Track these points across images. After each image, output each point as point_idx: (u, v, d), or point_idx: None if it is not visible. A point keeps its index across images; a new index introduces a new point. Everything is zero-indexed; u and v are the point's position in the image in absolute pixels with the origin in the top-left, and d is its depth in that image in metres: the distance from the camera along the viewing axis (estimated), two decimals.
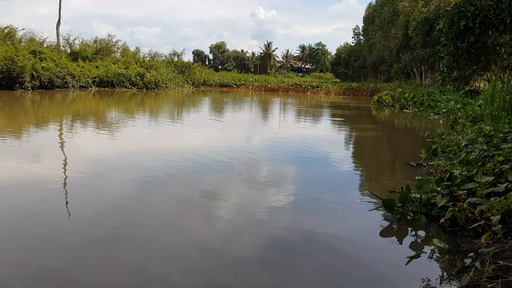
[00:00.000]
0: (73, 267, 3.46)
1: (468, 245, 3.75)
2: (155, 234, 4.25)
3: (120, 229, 4.29)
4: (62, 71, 28.96)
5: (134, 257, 3.65)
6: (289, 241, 4.14)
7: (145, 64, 38.88)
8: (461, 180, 4.83)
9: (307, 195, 5.77)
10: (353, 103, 30.17)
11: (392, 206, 4.69)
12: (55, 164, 7.10)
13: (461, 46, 5.20)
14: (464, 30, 5.28)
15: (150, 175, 6.46)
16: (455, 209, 4.23)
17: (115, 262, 3.59)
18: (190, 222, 4.64)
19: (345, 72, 62.78)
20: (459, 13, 5.27)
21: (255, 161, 8.02)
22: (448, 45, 5.41)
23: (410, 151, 9.34)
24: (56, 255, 3.67)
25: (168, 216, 4.80)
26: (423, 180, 4.84)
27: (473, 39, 5.31)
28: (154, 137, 10.74)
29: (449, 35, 5.46)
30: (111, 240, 4.03)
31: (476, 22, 5.15)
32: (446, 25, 5.48)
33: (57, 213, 4.67)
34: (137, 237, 4.11)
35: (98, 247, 3.86)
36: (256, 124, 15.16)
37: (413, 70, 34.98)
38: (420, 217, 4.60)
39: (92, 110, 17.95)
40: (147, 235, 4.21)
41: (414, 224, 4.60)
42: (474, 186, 4.48)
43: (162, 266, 3.56)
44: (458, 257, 3.64)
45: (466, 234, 4.12)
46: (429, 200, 4.73)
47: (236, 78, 52.87)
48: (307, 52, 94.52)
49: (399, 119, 18.68)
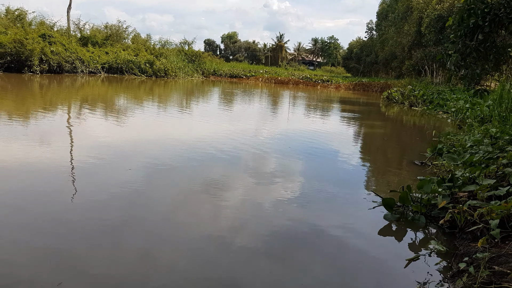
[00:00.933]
0: (79, 252, 3.52)
1: (465, 248, 3.72)
2: (162, 222, 4.30)
3: (126, 217, 4.34)
4: (72, 55, 29.02)
5: (140, 245, 3.70)
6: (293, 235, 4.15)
7: (155, 51, 38.83)
8: (463, 181, 4.77)
9: (310, 190, 5.76)
10: (362, 99, 29.94)
11: (392, 205, 4.66)
12: (62, 150, 7.16)
13: (469, 44, 5.11)
14: (473, 28, 5.19)
15: (156, 164, 6.50)
16: (454, 211, 4.19)
17: (121, 249, 3.64)
18: (196, 212, 4.69)
19: (356, 67, 62.24)
20: (469, 10, 5.17)
21: (261, 154, 8.02)
22: (456, 42, 5.32)
23: (416, 150, 9.26)
24: (60, 239, 3.72)
25: (174, 205, 4.85)
26: (424, 180, 4.80)
27: (482, 38, 5.22)
28: (161, 126, 10.79)
29: (458, 32, 5.36)
30: (117, 227, 4.08)
31: (485, 20, 5.05)
32: (455, 22, 5.38)
33: (63, 199, 4.73)
34: (143, 225, 4.16)
35: (105, 235, 3.91)
36: (264, 117, 15.13)
37: (424, 67, 34.56)
38: (419, 218, 4.56)
39: (101, 96, 18.04)
40: (154, 223, 4.25)
41: (413, 224, 4.57)
42: (475, 188, 4.43)
43: (168, 255, 3.62)
44: (455, 260, 3.61)
45: (465, 236, 4.08)
46: (429, 201, 4.69)
47: (247, 69, 52.63)
48: (319, 46, 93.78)
49: (407, 116, 18.51)
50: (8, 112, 10.87)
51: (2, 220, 4.04)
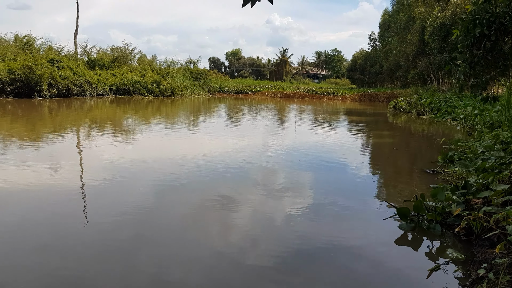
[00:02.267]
0: (90, 273, 3.54)
1: (483, 255, 3.70)
2: (172, 240, 4.31)
3: (137, 236, 4.36)
4: (80, 79, 29.54)
5: (151, 264, 3.70)
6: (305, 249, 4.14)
7: (161, 71, 39.37)
8: (477, 188, 4.76)
9: (322, 202, 5.76)
10: (369, 109, 29.94)
11: (406, 214, 4.65)
12: (73, 172, 7.26)
13: (477, 53, 5.15)
14: (480, 37, 5.23)
15: (167, 182, 6.56)
16: (470, 218, 4.17)
17: (132, 268, 3.66)
18: (207, 229, 4.69)
19: (361, 78, 62.36)
20: (474, 20, 5.23)
21: (271, 168, 8.05)
22: (464, 52, 5.36)
23: (426, 158, 9.23)
24: (73, 262, 3.76)
25: (185, 223, 4.87)
26: (438, 188, 4.79)
27: (489, 46, 5.26)
28: (170, 145, 10.89)
29: (465, 42, 5.41)
30: (128, 246, 4.10)
31: (491, 29, 5.10)
32: (461, 33, 5.43)
33: (74, 220, 4.78)
34: (154, 243, 4.17)
35: (115, 254, 3.93)
36: (272, 131, 15.19)
37: (430, 75, 34.57)
38: (435, 226, 4.54)
39: (109, 117, 18.28)
40: (164, 241, 4.26)
41: (429, 233, 4.55)
42: (489, 194, 4.41)
43: (179, 273, 3.62)
44: (473, 267, 3.58)
45: (482, 243, 4.05)
46: (444, 209, 4.67)
47: (252, 85, 53.05)
48: (323, 59, 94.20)
49: (415, 125, 18.46)
50: (19, 136, 11.07)
51: (14, 243, 4.09)
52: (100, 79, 32.26)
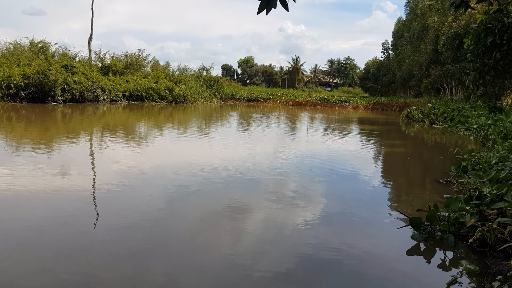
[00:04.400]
0: (101, 278, 3.59)
1: (497, 267, 3.65)
2: (184, 248, 4.33)
3: (148, 242, 4.39)
4: (93, 84, 29.96)
5: (163, 271, 3.72)
6: (317, 258, 4.14)
7: (174, 78, 39.77)
8: (491, 199, 4.71)
9: (334, 212, 5.75)
10: (381, 118, 29.78)
11: (419, 225, 4.61)
12: (86, 177, 7.37)
13: (487, 63, 5.12)
14: (491, 47, 5.21)
15: (178, 189, 6.61)
16: (484, 229, 4.13)
17: (143, 275, 3.69)
18: (218, 237, 4.70)
19: (373, 86, 62.15)
20: (485, 29, 5.21)
21: (282, 177, 8.07)
22: (474, 61, 5.34)
23: (439, 168, 9.14)
24: (83, 266, 3.80)
25: (196, 230, 4.89)
26: (452, 198, 4.75)
27: (500, 56, 5.23)
28: (182, 152, 10.97)
29: (475, 51, 5.39)
30: (139, 253, 4.14)
31: (503, 39, 5.08)
32: (472, 42, 5.42)
33: (85, 225, 4.84)
34: (165, 251, 4.19)
35: (127, 260, 3.97)
36: (283, 140, 15.20)
37: (443, 85, 34.29)
38: (448, 237, 4.50)
39: (122, 123, 18.51)
40: (176, 249, 4.29)
41: (442, 244, 4.51)
42: (504, 205, 4.36)
43: (190, 281, 3.63)
44: (487, 279, 3.54)
45: (496, 255, 4.00)
46: (457, 219, 4.63)
47: (264, 93, 53.19)
48: (335, 67, 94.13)
49: (428, 134, 18.30)
50: (33, 141, 11.27)
51: (26, 247, 4.15)
52: (114, 85, 32.70)
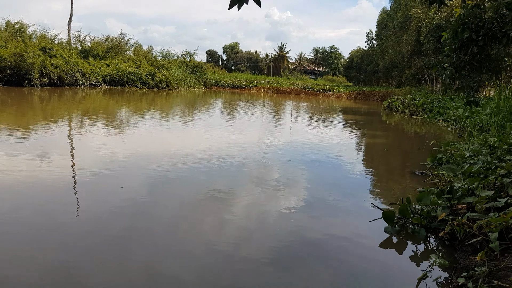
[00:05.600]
0: (84, 267, 3.56)
1: (465, 262, 3.73)
2: (167, 235, 4.36)
3: (130, 229, 4.40)
4: (72, 68, 29.24)
5: (146, 259, 3.75)
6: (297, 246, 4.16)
7: (157, 63, 39.16)
8: (462, 193, 4.79)
9: (309, 202, 5.78)
10: (364, 108, 30.04)
11: (391, 218, 4.67)
12: (64, 164, 7.22)
13: (463, 58, 5.17)
14: (468, 42, 5.25)
15: (160, 176, 6.59)
16: (454, 223, 4.20)
17: (125, 262, 3.69)
18: (200, 224, 4.74)
19: (357, 76, 62.43)
20: (463, 24, 5.24)
21: (264, 165, 8.06)
22: (451, 56, 5.38)
23: (416, 160, 9.28)
24: (66, 254, 3.76)
25: (179, 217, 4.93)
26: (424, 192, 4.82)
27: (476, 51, 5.28)
28: (163, 139, 10.87)
29: (452, 46, 5.43)
30: (121, 240, 4.14)
31: (479, 34, 5.12)
32: (450, 36, 5.45)
33: (68, 213, 4.78)
34: (148, 238, 4.21)
35: (109, 247, 3.96)
36: (267, 128, 15.18)
37: (424, 76, 34.70)
38: (419, 230, 4.57)
39: (102, 109, 18.17)
40: (159, 236, 4.30)
41: (414, 237, 4.58)
42: (474, 200, 4.44)
43: (172, 267, 3.65)
44: (455, 274, 3.61)
45: (464, 249, 4.09)
46: (429, 213, 4.71)
47: (249, 80, 52.91)
48: (320, 55, 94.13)
49: (408, 125, 18.55)
50: (8, 126, 10.96)
51: (6, 235, 4.08)
52: (94, 69, 32.01)
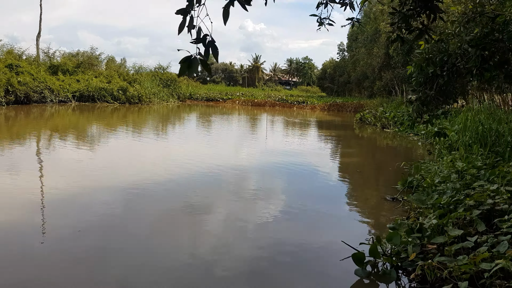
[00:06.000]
0: (56, 283, 3.49)
1: None
2: (140, 249, 4.28)
3: (105, 244, 4.39)
4: (40, 85, 28.41)
5: (119, 274, 3.70)
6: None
7: (129, 77, 38.53)
8: (432, 231, 4.75)
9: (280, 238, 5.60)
10: (337, 120, 30.36)
11: (362, 260, 4.56)
12: (33, 181, 7.16)
13: (429, 94, 5.18)
14: (433, 77, 5.27)
15: (133, 190, 6.74)
16: (424, 265, 4.12)
17: (99, 279, 3.61)
18: (177, 237, 4.72)
19: (330, 86, 63.31)
20: (427, 59, 5.26)
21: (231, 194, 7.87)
22: (417, 90, 5.39)
23: (388, 182, 9.29)
24: (36, 273, 3.66)
25: (153, 231, 5.01)
26: (394, 232, 4.75)
27: (442, 84, 5.30)
28: (135, 153, 10.89)
29: (418, 80, 5.45)
30: (95, 256, 4.14)
31: (444, 69, 5.14)
32: (415, 70, 5.47)
33: (36, 230, 4.76)
34: (121, 253, 4.22)
35: (83, 264, 3.89)
36: (238, 151, 14.98)
37: (394, 87, 35.44)
38: (390, 272, 4.48)
39: (71, 125, 17.65)
40: (132, 250, 4.26)
41: (385, 278, 4.47)
42: (444, 240, 4.40)
43: (148, 283, 3.56)
44: None
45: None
46: (399, 254, 4.63)
47: (223, 92, 52.79)
48: (294, 66, 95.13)
49: (380, 140, 18.79)
50: None
51: None
52: (63, 85, 31.20)
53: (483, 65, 4.91)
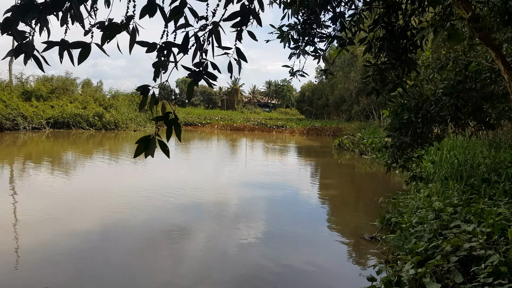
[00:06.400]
0: None
1: None
2: (120, 274, 4.21)
3: (83, 268, 4.26)
4: (13, 112, 27.70)
5: None
6: None
7: (105, 103, 37.97)
8: (410, 285, 4.61)
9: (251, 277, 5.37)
10: (316, 146, 30.50)
11: None
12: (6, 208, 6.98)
13: (404, 140, 5.14)
14: (407, 123, 5.25)
15: (111, 217, 6.74)
16: None
17: None
18: (158, 263, 4.70)
19: (309, 109, 64.03)
20: (402, 105, 5.24)
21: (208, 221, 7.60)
22: (392, 136, 5.35)
23: (365, 218, 9.18)
24: None
25: (134, 257, 5.00)
26: (371, 287, 4.60)
27: (417, 131, 5.28)
28: (112, 180, 10.84)
29: (393, 125, 5.42)
30: (73, 280, 4.14)
31: (418, 116, 5.13)
32: (391, 115, 5.44)
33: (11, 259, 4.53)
34: (101, 280, 4.01)
35: None
36: (214, 178, 14.74)
37: (372, 112, 36.05)
38: None
39: (45, 153, 17.08)
40: (111, 275, 4.14)
41: None
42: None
43: None
44: None
45: None
46: None
47: (202, 116, 52.61)
48: (273, 88, 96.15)
49: (358, 167, 18.87)
50: None
51: None
52: (37, 111, 30.48)
53: (456, 113, 4.92)
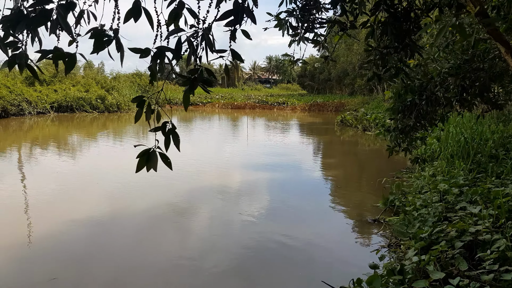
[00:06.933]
0: None
1: None
2: (130, 251, 4.51)
3: (92, 247, 4.48)
4: (17, 98, 27.73)
5: (108, 276, 3.88)
6: None
7: (107, 85, 37.75)
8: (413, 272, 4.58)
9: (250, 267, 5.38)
10: (318, 122, 30.32)
11: None
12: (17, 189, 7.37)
13: (408, 123, 5.01)
14: (411, 105, 5.10)
15: (118, 192, 7.00)
16: None
17: (87, 276, 3.83)
18: (164, 237, 4.88)
19: (311, 84, 63.28)
20: (405, 87, 5.08)
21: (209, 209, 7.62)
22: (395, 119, 5.22)
23: (369, 199, 9.12)
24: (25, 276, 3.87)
25: (142, 232, 5.11)
26: (374, 275, 4.56)
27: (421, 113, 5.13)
28: (118, 158, 11.08)
29: (396, 107, 5.27)
30: (83, 259, 4.32)
31: (422, 98, 4.97)
32: (394, 97, 5.29)
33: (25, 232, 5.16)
34: (110, 255, 4.42)
35: (71, 267, 4.06)
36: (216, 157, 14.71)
37: (375, 85, 35.56)
38: None
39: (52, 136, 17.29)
40: (121, 253, 4.38)
41: None
42: (424, 284, 4.23)
43: (137, 283, 3.77)
44: None
45: None
46: None
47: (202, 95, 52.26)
48: (274, 63, 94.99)
49: (361, 145, 18.78)
50: None
51: None
52: (41, 96, 30.46)
53: (462, 95, 4.77)
